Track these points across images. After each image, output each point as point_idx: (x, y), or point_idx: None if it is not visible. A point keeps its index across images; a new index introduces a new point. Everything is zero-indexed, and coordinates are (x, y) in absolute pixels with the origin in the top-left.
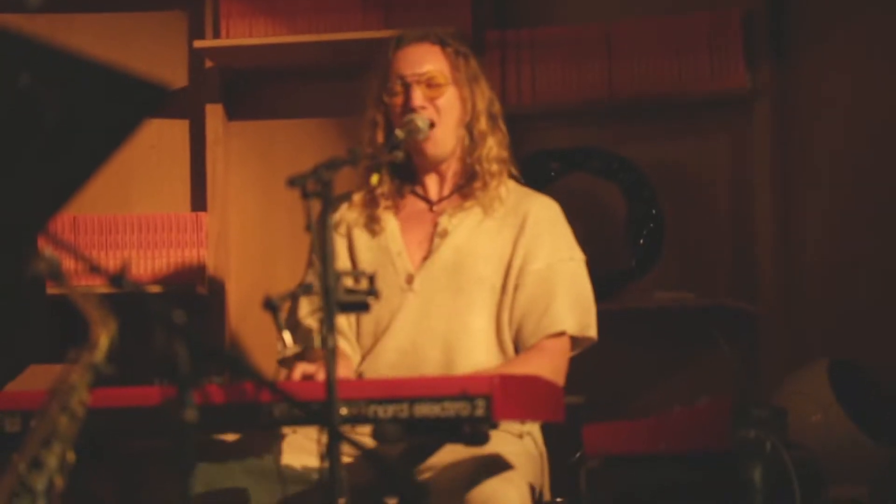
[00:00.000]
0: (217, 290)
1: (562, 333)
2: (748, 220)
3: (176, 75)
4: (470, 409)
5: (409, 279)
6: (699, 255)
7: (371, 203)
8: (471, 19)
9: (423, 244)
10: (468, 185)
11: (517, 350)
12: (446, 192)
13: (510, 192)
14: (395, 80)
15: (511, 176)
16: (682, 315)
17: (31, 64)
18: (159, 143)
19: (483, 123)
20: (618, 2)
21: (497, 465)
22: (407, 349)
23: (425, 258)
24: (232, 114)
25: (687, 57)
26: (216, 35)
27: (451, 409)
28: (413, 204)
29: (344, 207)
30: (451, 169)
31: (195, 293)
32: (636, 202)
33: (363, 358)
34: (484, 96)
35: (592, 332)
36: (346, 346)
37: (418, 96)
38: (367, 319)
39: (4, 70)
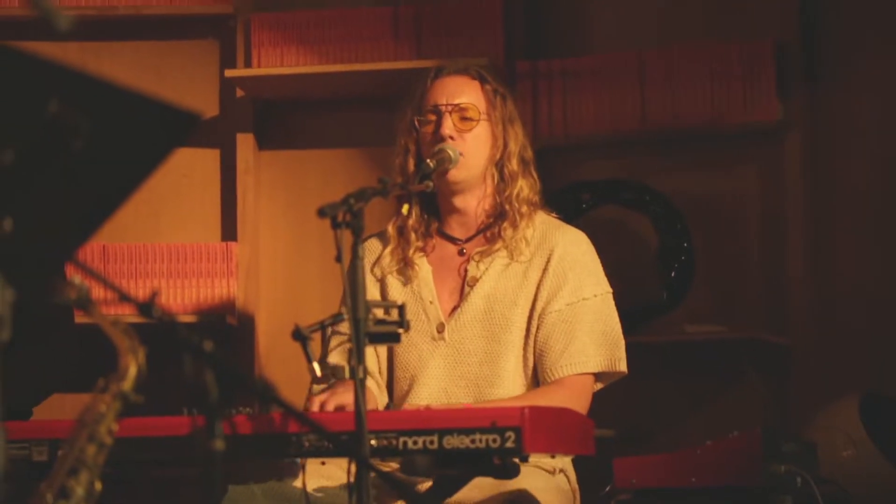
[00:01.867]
0: (246, 320)
1: (583, 373)
2: (780, 252)
3: (207, 104)
4: (500, 441)
5: (441, 328)
6: (730, 287)
7: (403, 243)
8: (503, 50)
9: (453, 294)
10: (495, 224)
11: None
12: (472, 231)
13: (537, 227)
14: (428, 108)
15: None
16: (713, 348)
17: (61, 90)
18: (190, 172)
19: (514, 164)
20: (650, 32)
21: (528, 501)
22: (439, 396)
23: (456, 307)
24: (263, 143)
25: (719, 87)
26: (248, 64)
27: (481, 440)
28: (442, 247)
29: (377, 249)
30: (479, 207)
31: (225, 323)
32: (667, 234)
33: (397, 406)
34: (517, 139)
35: (622, 365)
36: (373, 384)
37: (449, 125)
38: (400, 367)
39: (34, 96)
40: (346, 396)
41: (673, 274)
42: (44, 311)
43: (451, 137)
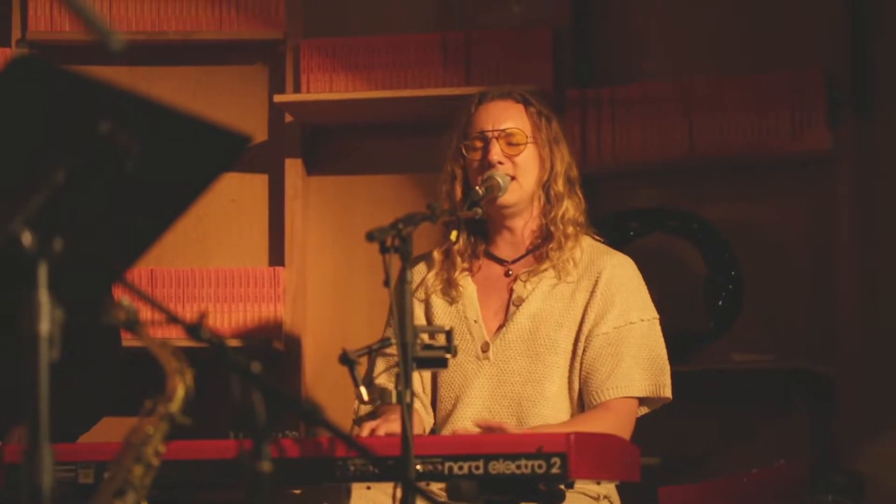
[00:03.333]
0: (293, 345)
1: (628, 396)
2: (828, 282)
3: (256, 129)
4: (545, 467)
5: (485, 347)
6: (778, 316)
7: (448, 266)
8: (552, 77)
9: (498, 313)
10: (543, 245)
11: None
12: (520, 251)
13: (585, 250)
14: (475, 135)
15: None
16: (759, 377)
17: (113, 111)
18: (238, 197)
19: (560, 185)
20: (698, 60)
21: None
22: (482, 415)
23: (501, 326)
24: (311, 169)
25: (768, 116)
26: (297, 90)
27: (527, 466)
28: (488, 267)
29: (422, 271)
30: (527, 228)
31: (271, 348)
32: (715, 263)
33: (441, 424)
34: (563, 159)
35: (667, 391)
36: (419, 405)
37: (497, 152)
38: (444, 386)
39: (86, 117)
40: (396, 425)
41: (720, 302)
42: (91, 336)
43: (500, 163)
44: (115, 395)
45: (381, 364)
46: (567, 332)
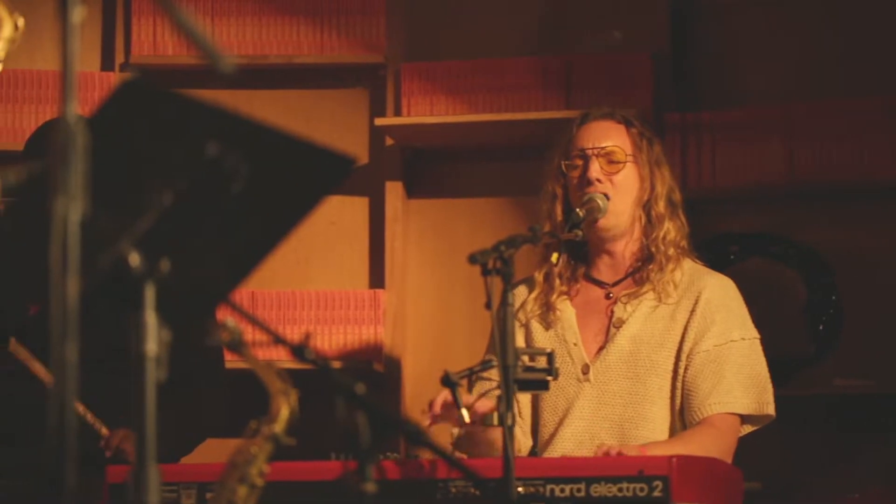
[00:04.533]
0: (394, 367)
1: (731, 413)
2: None
3: (357, 152)
4: (647, 490)
5: (586, 369)
6: (879, 341)
7: (547, 289)
8: (651, 102)
9: (598, 335)
10: (643, 267)
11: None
12: (621, 274)
13: (685, 272)
14: (575, 153)
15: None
16: (860, 402)
17: (220, 133)
18: (339, 219)
19: (662, 207)
20: (799, 84)
21: None
22: (584, 438)
23: (601, 348)
24: (411, 191)
25: (869, 141)
26: (397, 113)
27: (628, 489)
28: (588, 290)
29: (523, 295)
30: (627, 250)
31: (372, 370)
32: (815, 288)
33: (542, 448)
34: (665, 181)
35: (771, 409)
36: (517, 429)
37: (596, 169)
38: (546, 410)
39: (193, 139)
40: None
41: (821, 327)
42: (195, 357)
43: (599, 180)
44: (218, 417)
45: (480, 386)
46: (668, 353)
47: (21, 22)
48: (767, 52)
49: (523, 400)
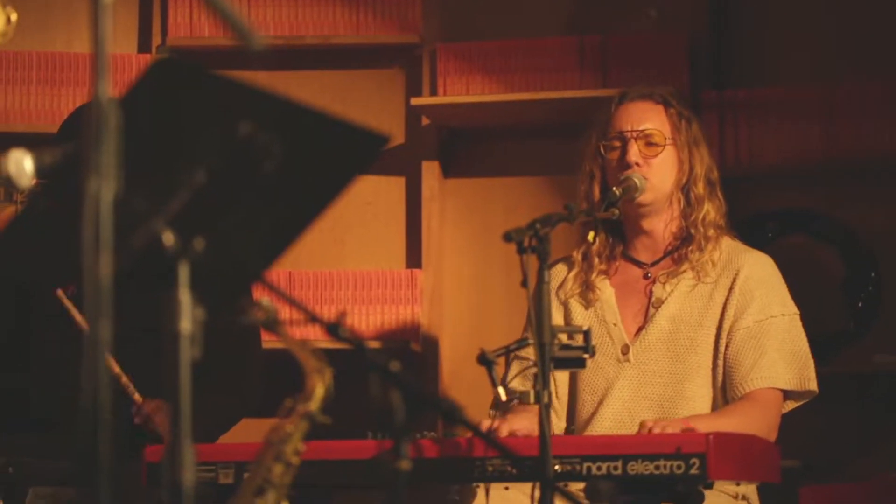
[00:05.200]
0: (430, 347)
1: (773, 388)
2: None
3: (393, 133)
4: (684, 468)
5: (625, 350)
6: None
7: (586, 268)
8: (688, 79)
9: (638, 315)
10: (682, 247)
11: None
12: (659, 254)
13: (724, 250)
14: (613, 135)
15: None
16: None
17: (253, 112)
18: (375, 199)
19: (700, 188)
20: (838, 63)
21: None
22: (624, 418)
23: (640, 328)
24: (448, 171)
25: None
26: (433, 93)
27: (665, 467)
28: (626, 270)
29: (562, 273)
30: (666, 230)
31: (409, 350)
32: (854, 265)
33: (582, 428)
34: (703, 161)
35: (813, 384)
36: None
37: (634, 152)
38: (586, 390)
39: (226, 118)
40: (517, 422)
41: (860, 304)
42: (231, 336)
43: (637, 164)
44: (254, 397)
45: (517, 365)
46: (707, 332)
47: (14, 16)
48: (804, 31)
49: (560, 381)
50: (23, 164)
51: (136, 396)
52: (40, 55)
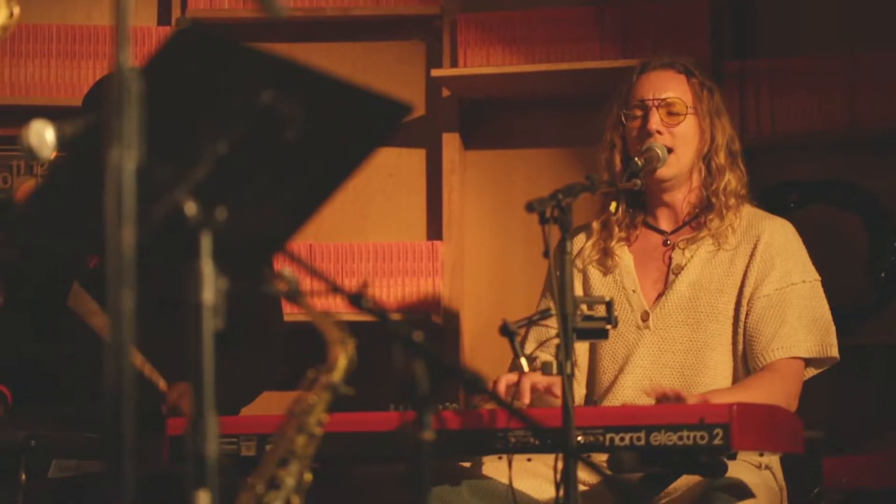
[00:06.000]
0: (452, 319)
1: (794, 357)
2: None
3: (413, 104)
4: (708, 438)
5: (645, 316)
6: None
7: (606, 235)
8: (709, 49)
9: (657, 282)
10: (702, 215)
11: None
12: (679, 223)
13: (744, 216)
14: (635, 103)
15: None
16: None
17: (275, 80)
18: (396, 171)
19: (722, 158)
20: (860, 32)
21: (736, 492)
22: (644, 386)
23: (660, 295)
24: (468, 143)
25: None
26: (454, 64)
27: (689, 437)
28: (646, 237)
29: (581, 242)
30: (686, 200)
31: (430, 322)
32: (878, 235)
33: (602, 396)
34: (725, 131)
35: (834, 351)
36: None
37: (656, 121)
38: (605, 357)
39: (248, 87)
40: (536, 376)
41: (884, 275)
42: (253, 308)
43: (659, 132)
44: (276, 369)
45: (533, 337)
46: (728, 299)
47: (17, 10)
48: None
49: (580, 348)
50: (44, 136)
51: (161, 384)
52: (60, 28)
